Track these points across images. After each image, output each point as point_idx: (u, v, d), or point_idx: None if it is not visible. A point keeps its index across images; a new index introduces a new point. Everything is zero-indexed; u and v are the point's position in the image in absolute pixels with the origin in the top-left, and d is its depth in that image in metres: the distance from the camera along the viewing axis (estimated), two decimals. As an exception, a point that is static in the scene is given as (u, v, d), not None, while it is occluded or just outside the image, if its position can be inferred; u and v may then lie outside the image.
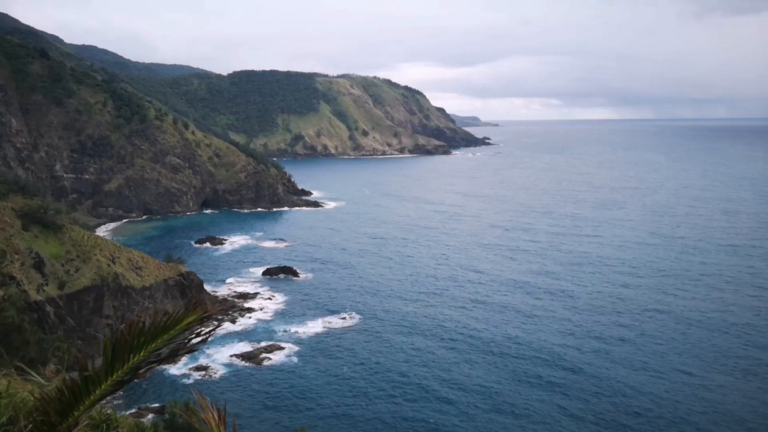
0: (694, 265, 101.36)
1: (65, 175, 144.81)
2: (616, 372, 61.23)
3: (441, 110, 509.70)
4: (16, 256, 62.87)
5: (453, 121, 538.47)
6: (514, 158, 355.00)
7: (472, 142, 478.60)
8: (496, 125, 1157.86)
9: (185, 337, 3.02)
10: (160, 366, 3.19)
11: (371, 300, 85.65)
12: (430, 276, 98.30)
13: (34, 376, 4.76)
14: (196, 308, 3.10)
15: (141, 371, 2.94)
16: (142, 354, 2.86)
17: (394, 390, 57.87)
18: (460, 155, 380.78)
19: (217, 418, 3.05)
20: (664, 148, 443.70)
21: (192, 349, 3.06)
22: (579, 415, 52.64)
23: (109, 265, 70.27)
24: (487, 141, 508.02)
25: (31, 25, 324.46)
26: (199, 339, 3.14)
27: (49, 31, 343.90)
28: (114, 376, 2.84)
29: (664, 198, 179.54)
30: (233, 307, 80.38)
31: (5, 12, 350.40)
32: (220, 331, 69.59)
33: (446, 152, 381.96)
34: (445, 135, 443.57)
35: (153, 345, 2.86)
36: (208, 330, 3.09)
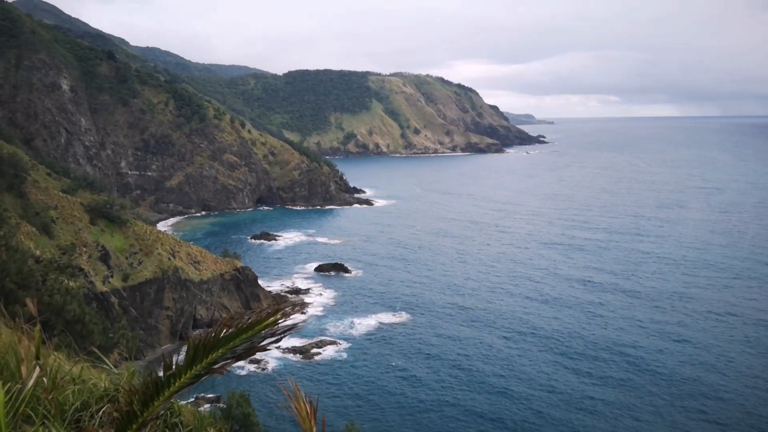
0: (763, 267, 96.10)
1: (130, 172, 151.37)
2: (681, 373, 59.06)
3: (494, 108, 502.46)
4: (84, 249, 66.18)
5: (506, 118, 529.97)
6: (571, 156, 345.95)
7: (526, 140, 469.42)
8: (551, 123, 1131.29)
9: (262, 336, 3.15)
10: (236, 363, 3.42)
11: (423, 297, 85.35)
12: (486, 273, 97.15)
13: (106, 363, 4.88)
14: (278, 311, 3.22)
15: (217, 367, 3.08)
16: (220, 351, 3.03)
17: (446, 383, 57.52)
18: (513, 153, 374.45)
19: (308, 410, 3.14)
20: (730, 146, 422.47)
21: (266, 348, 3.16)
22: (643, 417, 50.77)
23: (169, 258, 72.92)
24: (541, 139, 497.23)
25: (100, 28, 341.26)
26: (273, 339, 3.28)
27: (116, 35, 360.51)
28: (192, 371, 3.03)
29: (731, 198, 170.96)
30: (304, 305, 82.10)
31: (76, 17, 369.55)
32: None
33: (499, 150, 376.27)
34: (498, 133, 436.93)
35: (231, 344, 3.03)
36: (283, 330, 3.23)
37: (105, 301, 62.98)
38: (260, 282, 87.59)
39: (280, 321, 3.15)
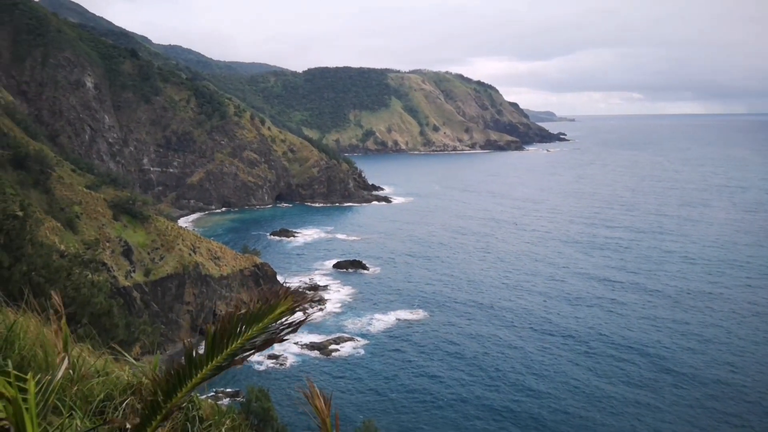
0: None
1: (152, 169, 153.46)
2: (705, 373, 58.22)
3: (514, 105, 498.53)
4: (108, 244, 67.31)
5: (526, 116, 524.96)
6: (592, 154, 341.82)
7: (546, 137, 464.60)
8: (572, 120, 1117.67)
9: (277, 326, 3.21)
10: (255, 354, 3.53)
11: (442, 294, 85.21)
12: (505, 270, 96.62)
13: (126, 357, 5.00)
14: (287, 298, 3.28)
15: (237, 358, 3.16)
16: (239, 341, 3.09)
17: (463, 381, 57.38)
18: (533, 151, 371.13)
19: (323, 405, 3.22)
20: (757, 144, 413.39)
21: (283, 339, 3.23)
22: (665, 417, 50.13)
23: (190, 254, 73.82)
24: (562, 137, 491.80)
25: (123, 27, 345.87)
26: (290, 329, 3.34)
27: (139, 33, 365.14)
28: (214, 362, 3.10)
29: (756, 196, 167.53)
30: (319, 300, 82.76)
31: (101, 15, 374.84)
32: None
33: (519, 148, 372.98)
34: (517, 130, 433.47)
35: (249, 333, 3.10)
36: (299, 320, 3.29)
37: (127, 296, 63.99)
38: (279, 278, 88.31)
39: (293, 308, 3.23)
